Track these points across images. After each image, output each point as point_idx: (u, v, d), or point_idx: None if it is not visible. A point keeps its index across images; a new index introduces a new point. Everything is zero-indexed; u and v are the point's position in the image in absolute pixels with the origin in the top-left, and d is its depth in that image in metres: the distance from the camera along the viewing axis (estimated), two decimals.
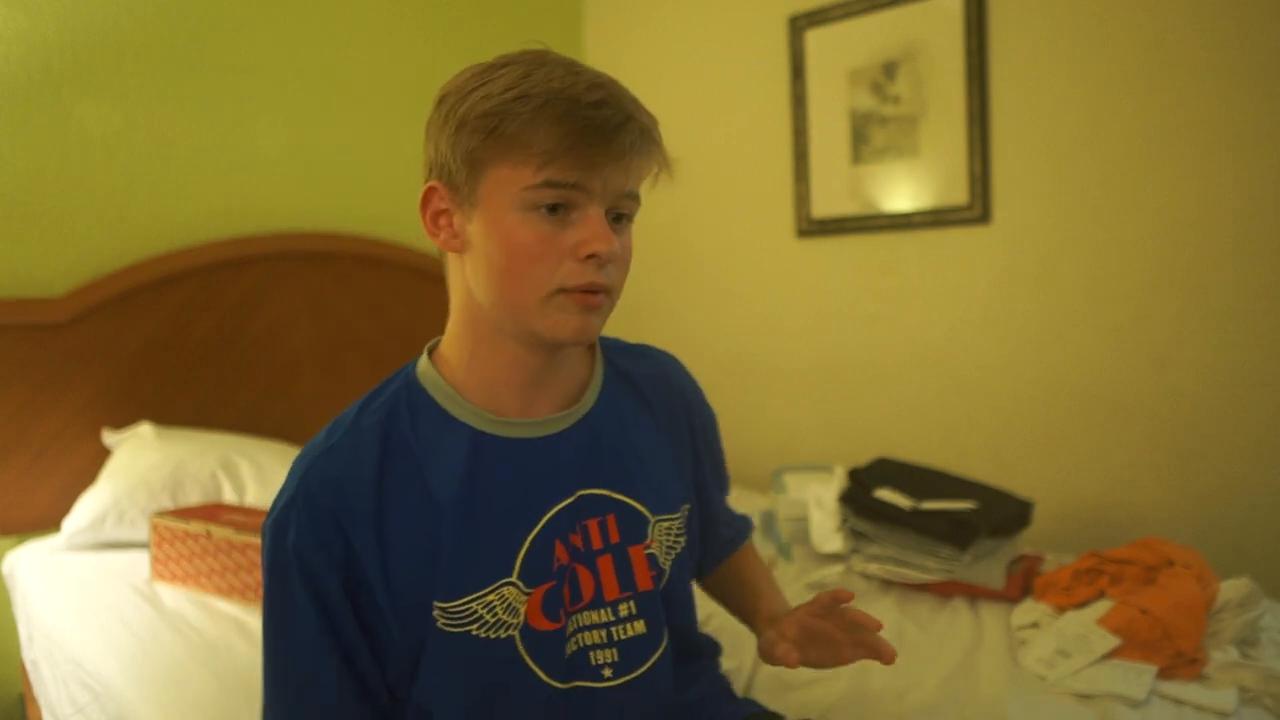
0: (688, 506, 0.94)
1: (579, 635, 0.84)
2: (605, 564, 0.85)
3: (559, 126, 0.71)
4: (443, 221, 0.80)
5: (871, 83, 2.35)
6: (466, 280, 0.80)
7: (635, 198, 0.78)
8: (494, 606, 0.80)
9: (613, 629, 0.85)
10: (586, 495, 0.85)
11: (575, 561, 0.84)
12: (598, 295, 0.76)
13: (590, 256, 0.74)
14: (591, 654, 0.84)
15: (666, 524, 0.90)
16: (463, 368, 0.83)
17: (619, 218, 0.78)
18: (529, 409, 0.84)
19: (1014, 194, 2.15)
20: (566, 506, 0.83)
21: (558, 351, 0.83)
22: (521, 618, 0.80)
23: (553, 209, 0.74)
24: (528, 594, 0.80)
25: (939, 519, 1.58)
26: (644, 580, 0.87)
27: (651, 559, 0.87)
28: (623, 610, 0.86)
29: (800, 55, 2.49)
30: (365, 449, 0.79)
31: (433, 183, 0.80)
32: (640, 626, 0.86)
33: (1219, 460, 1.90)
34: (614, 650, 0.85)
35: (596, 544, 0.85)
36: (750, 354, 2.68)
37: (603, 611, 0.85)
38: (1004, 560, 1.59)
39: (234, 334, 2.24)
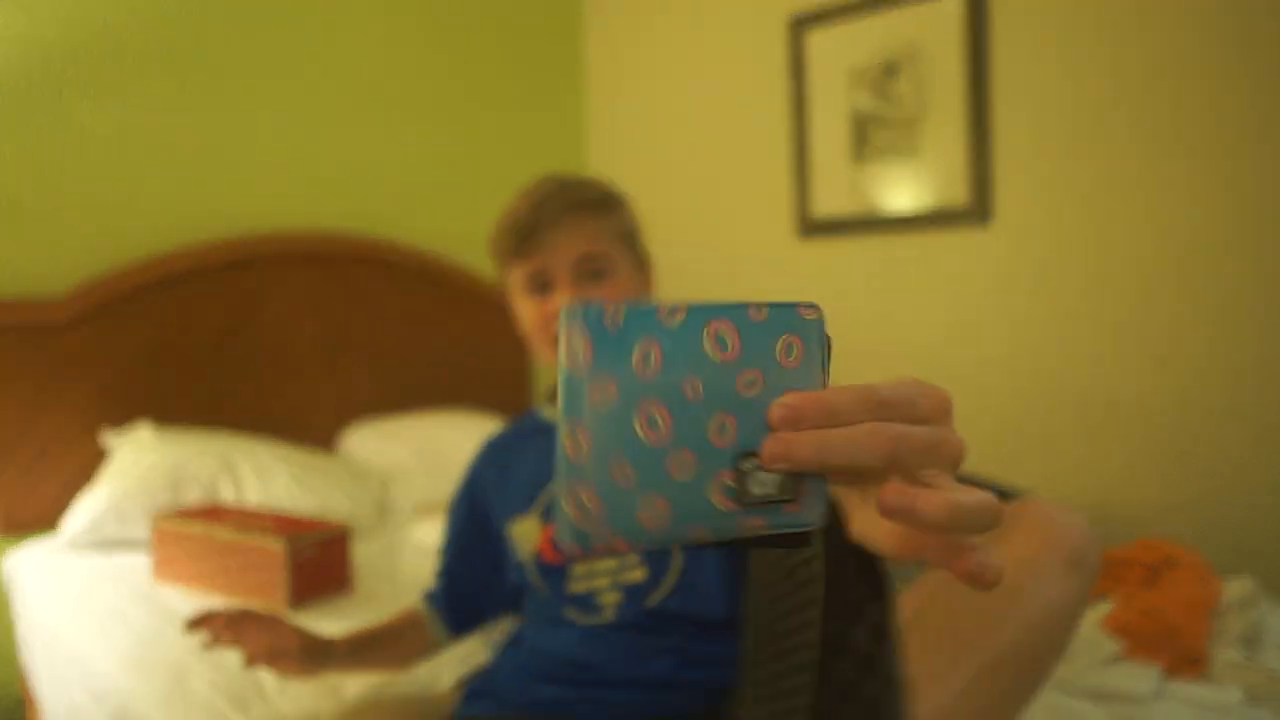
0: None
1: (589, 580, 1.01)
2: None
3: (510, 241, 1.06)
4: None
5: (872, 83, 2.35)
6: None
7: (593, 258, 1.03)
8: (528, 534, 1.08)
9: (618, 575, 1.00)
10: None
11: None
12: None
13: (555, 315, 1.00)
14: (597, 596, 1.01)
15: None
16: None
17: (597, 275, 1.04)
18: None
19: (1014, 194, 2.15)
20: None
21: None
22: (535, 547, 1.05)
23: (542, 288, 1.06)
24: (541, 526, 1.06)
25: None
26: None
27: None
28: (628, 558, 0.98)
29: (800, 56, 2.49)
30: (498, 435, 1.23)
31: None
32: (639, 574, 0.99)
33: (1219, 460, 1.90)
34: (617, 594, 1.00)
35: None
36: None
37: (608, 559, 0.99)
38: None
39: (234, 334, 2.24)
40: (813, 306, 0.40)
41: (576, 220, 1.04)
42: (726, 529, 0.39)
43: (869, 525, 0.42)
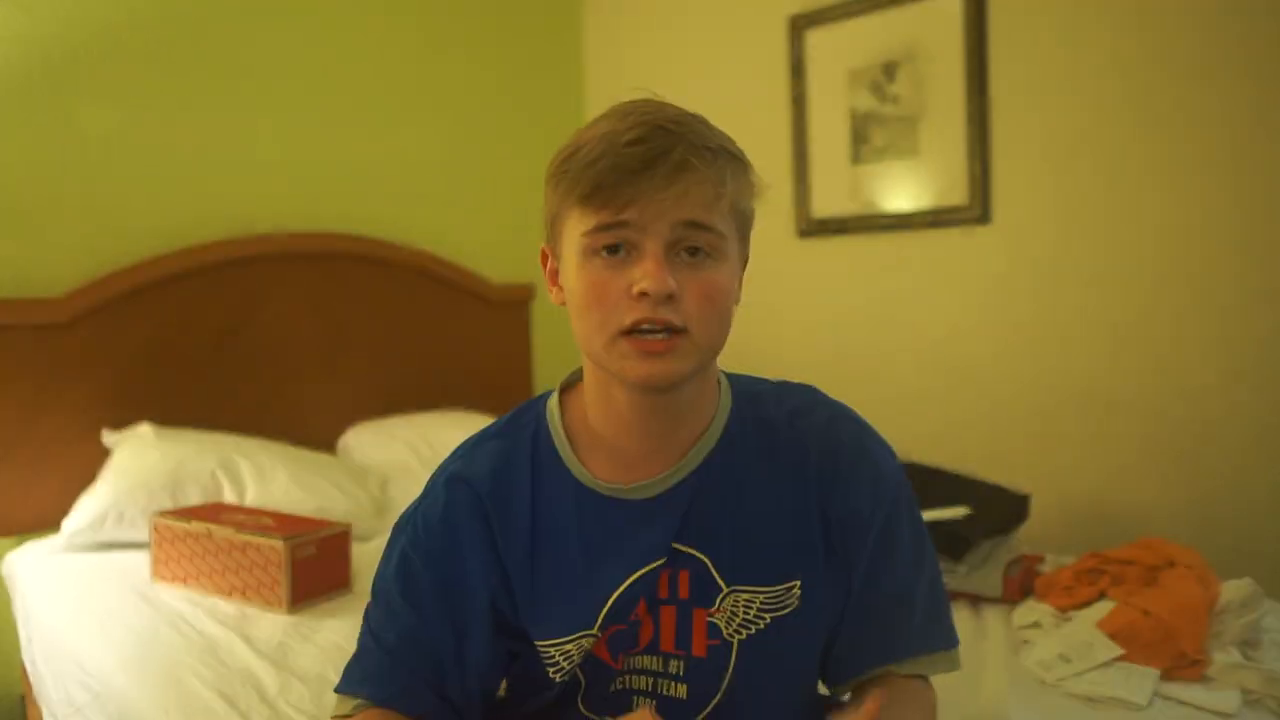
0: (796, 584, 0.82)
1: (629, 676, 0.84)
2: (667, 614, 0.82)
3: (596, 169, 0.72)
4: (554, 278, 0.82)
5: (871, 83, 2.35)
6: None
7: (705, 228, 0.74)
8: (571, 655, 0.82)
9: (659, 681, 0.83)
10: (675, 549, 0.82)
11: (648, 611, 0.82)
12: (658, 338, 0.72)
13: (641, 295, 0.72)
14: (634, 699, 0.84)
15: (746, 596, 0.81)
16: (591, 406, 0.84)
17: (695, 251, 0.74)
18: (643, 452, 0.82)
19: (1014, 194, 2.15)
20: (658, 566, 0.81)
21: (663, 393, 0.78)
22: (587, 655, 0.83)
23: (613, 250, 0.73)
24: (598, 637, 0.82)
25: (932, 533, 1.58)
26: (699, 646, 0.82)
27: (712, 628, 0.82)
28: (671, 667, 0.83)
29: (800, 55, 2.49)
30: (520, 445, 0.85)
31: (544, 245, 0.83)
32: (681, 690, 0.82)
33: (1219, 460, 1.90)
34: (653, 703, 0.83)
35: (664, 594, 0.82)
36: (750, 354, 2.67)
37: (654, 659, 0.83)
38: (1001, 564, 1.59)
39: (234, 334, 2.24)
40: None
41: (701, 170, 0.72)
42: None
43: None
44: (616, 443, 0.82)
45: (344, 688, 0.86)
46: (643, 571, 0.80)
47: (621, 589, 0.80)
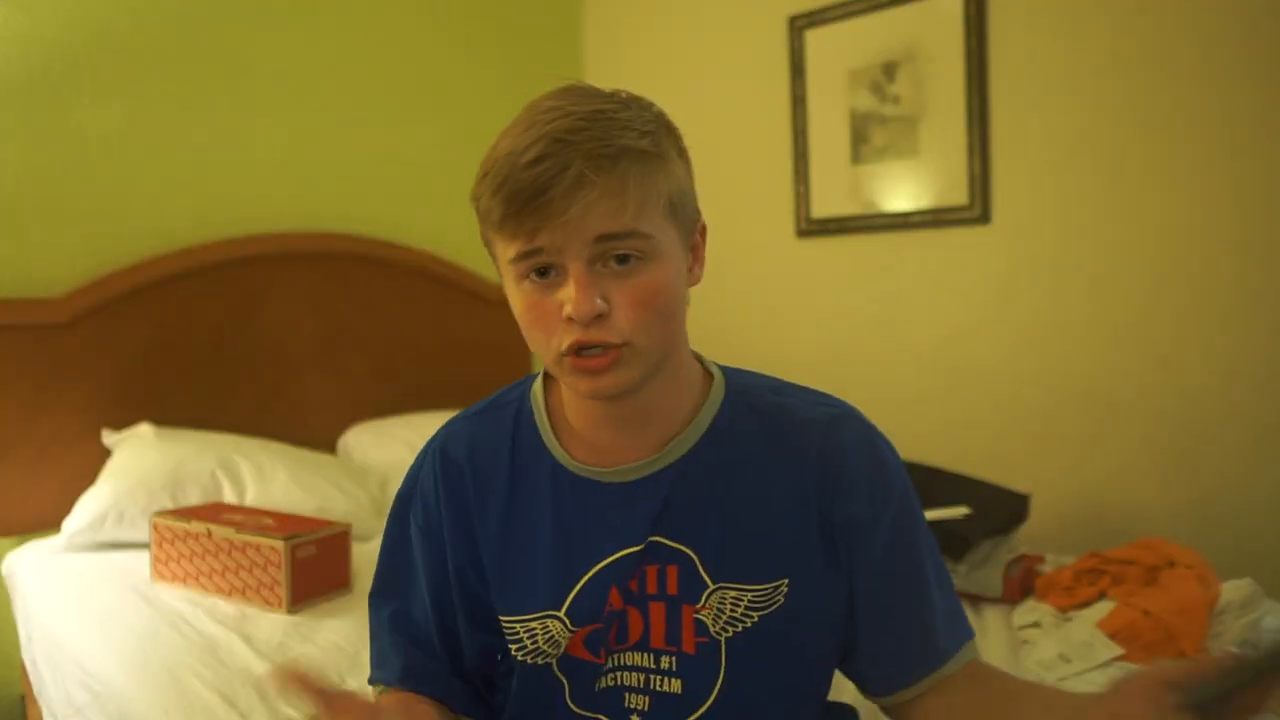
0: (784, 582, 0.79)
1: (618, 673, 0.82)
2: (657, 611, 0.81)
3: (500, 197, 0.70)
4: None
5: (871, 83, 2.35)
6: None
7: (622, 236, 0.71)
8: (535, 634, 0.81)
9: (651, 677, 0.82)
10: (656, 542, 0.80)
11: (629, 605, 0.81)
12: (594, 357, 0.72)
13: (570, 319, 0.71)
14: (626, 695, 0.82)
15: (733, 594, 0.79)
16: (565, 402, 0.84)
17: (624, 259, 0.72)
18: (619, 445, 0.81)
19: (1014, 194, 2.15)
20: (633, 553, 0.80)
21: (618, 401, 0.77)
22: (562, 650, 0.82)
23: (541, 273, 0.72)
24: (573, 632, 0.80)
25: (931, 533, 1.58)
26: (688, 643, 0.81)
27: (699, 625, 0.80)
28: (663, 663, 0.81)
29: (800, 55, 2.49)
30: (502, 424, 0.86)
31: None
32: (675, 685, 0.81)
33: (1219, 460, 1.90)
34: (646, 698, 0.82)
35: (652, 590, 0.81)
36: (750, 354, 2.67)
37: (645, 656, 0.82)
38: (1001, 564, 1.59)
39: (234, 334, 2.24)
40: None
41: (599, 182, 0.69)
42: None
43: None
44: (590, 435, 0.83)
45: (370, 678, 0.91)
46: (616, 556, 0.80)
47: (593, 572, 0.80)
